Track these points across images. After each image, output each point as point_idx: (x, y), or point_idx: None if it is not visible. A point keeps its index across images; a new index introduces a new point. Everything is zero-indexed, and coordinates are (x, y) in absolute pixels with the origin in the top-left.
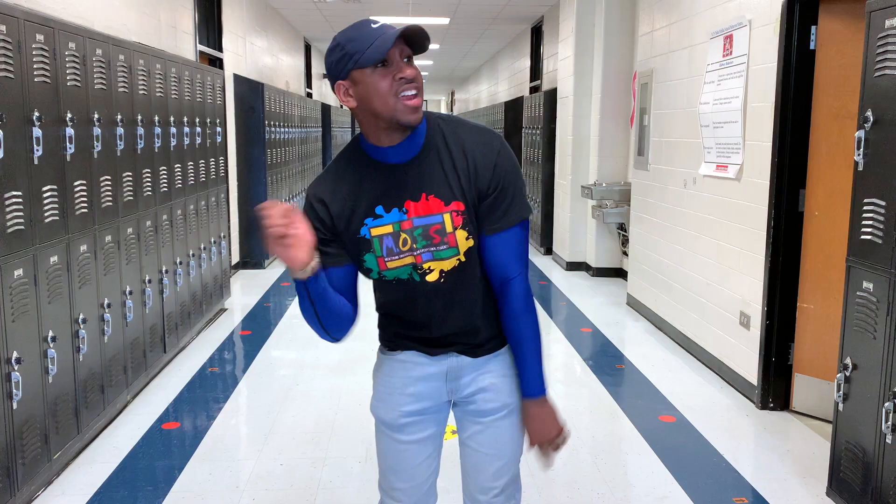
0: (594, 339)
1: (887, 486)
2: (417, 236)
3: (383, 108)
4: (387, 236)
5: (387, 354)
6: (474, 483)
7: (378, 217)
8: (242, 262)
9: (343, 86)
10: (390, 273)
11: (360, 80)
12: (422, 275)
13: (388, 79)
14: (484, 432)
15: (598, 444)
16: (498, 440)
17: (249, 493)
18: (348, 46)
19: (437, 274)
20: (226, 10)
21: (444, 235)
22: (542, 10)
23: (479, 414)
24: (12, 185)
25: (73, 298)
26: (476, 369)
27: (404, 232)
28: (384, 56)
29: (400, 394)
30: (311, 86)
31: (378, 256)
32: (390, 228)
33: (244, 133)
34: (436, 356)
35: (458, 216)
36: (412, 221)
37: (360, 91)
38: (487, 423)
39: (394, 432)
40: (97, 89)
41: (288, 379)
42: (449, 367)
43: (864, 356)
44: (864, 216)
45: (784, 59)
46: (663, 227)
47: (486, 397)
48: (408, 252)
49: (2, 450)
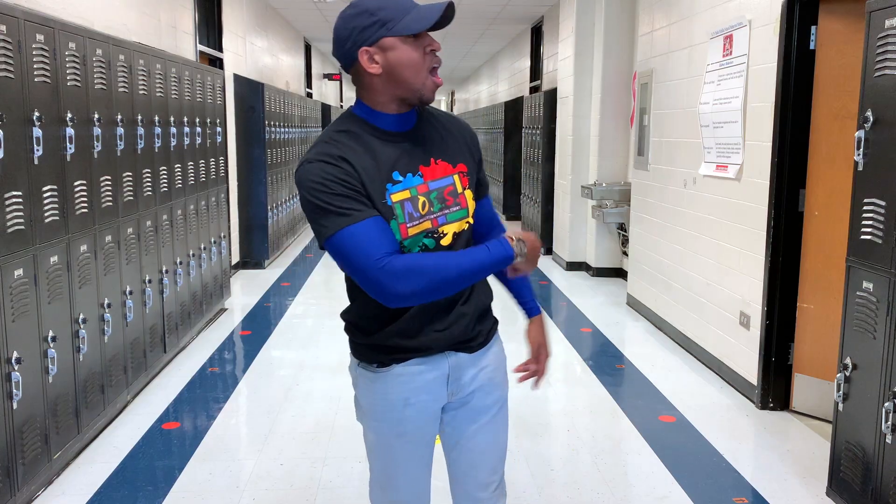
0: (594, 339)
1: (887, 486)
2: (434, 200)
3: (414, 79)
4: (406, 201)
5: (377, 372)
6: (474, 482)
7: (397, 182)
8: (242, 262)
9: (368, 52)
10: (409, 243)
11: (392, 47)
12: (437, 239)
13: (420, 51)
14: (482, 430)
15: (598, 444)
16: (495, 434)
17: (249, 493)
18: (381, 13)
19: (451, 237)
20: (226, 10)
21: (455, 196)
22: (542, 10)
23: (476, 412)
24: (12, 185)
25: (73, 298)
26: (474, 365)
27: (422, 195)
28: (428, 27)
29: (402, 409)
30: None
31: (401, 223)
32: (408, 193)
33: (244, 133)
34: (434, 359)
35: (465, 177)
36: (428, 185)
37: (389, 59)
38: (485, 420)
39: (397, 447)
40: (97, 89)
41: (288, 379)
42: (450, 368)
43: (864, 356)
44: (864, 216)
45: (784, 59)
46: (663, 227)
47: (484, 393)
48: (426, 216)
49: (2, 450)
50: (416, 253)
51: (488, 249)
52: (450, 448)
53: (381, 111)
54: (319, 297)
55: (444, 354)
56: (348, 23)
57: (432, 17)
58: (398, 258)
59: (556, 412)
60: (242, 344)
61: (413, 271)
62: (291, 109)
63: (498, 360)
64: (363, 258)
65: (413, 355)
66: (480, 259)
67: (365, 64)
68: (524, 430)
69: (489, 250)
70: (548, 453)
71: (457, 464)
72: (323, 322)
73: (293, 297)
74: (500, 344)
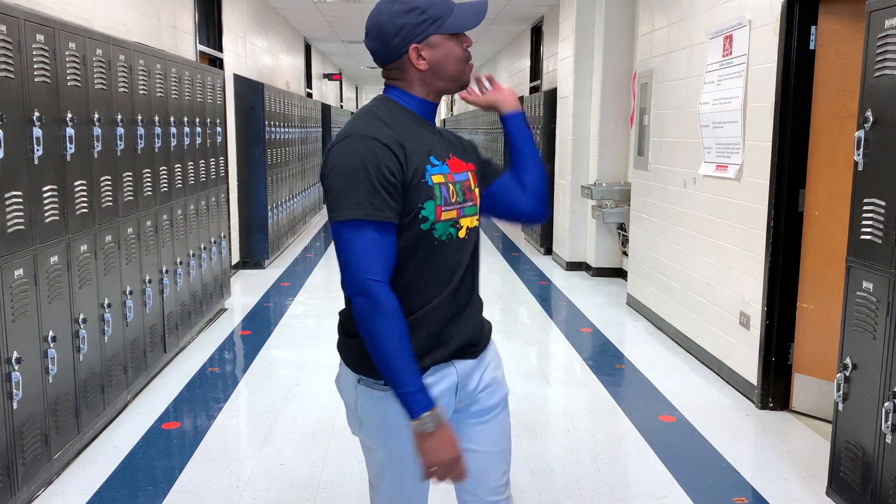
0: (594, 339)
1: (887, 486)
2: (458, 191)
3: (458, 72)
4: (443, 185)
5: (386, 390)
6: (483, 486)
7: (434, 165)
8: (242, 262)
9: (417, 49)
10: (440, 227)
11: (440, 44)
12: (456, 230)
13: (461, 46)
14: (488, 429)
15: (598, 444)
16: (501, 433)
17: (249, 493)
18: (430, 11)
19: (465, 231)
20: (226, 10)
21: (470, 192)
22: (542, 10)
23: (482, 412)
24: (12, 185)
25: (73, 298)
26: (478, 368)
27: (451, 183)
28: (474, 26)
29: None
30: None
31: (437, 205)
32: (443, 178)
33: (244, 133)
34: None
35: (474, 175)
36: (454, 176)
37: (436, 54)
38: (490, 418)
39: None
40: (97, 89)
41: (288, 379)
42: (459, 378)
43: (864, 356)
44: (863, 216)
45: (784, 59)
46: (663, 227)
47: (489, 392)
48: (455, 205)
49: (2, 450)
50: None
51: (407, 386)
52: None
53: (418, 100)
54: (319, 297)
55: (450, 363)
56: (397, 19)
57: (478, 17)
58: (381, 291)
59: (556, 412)
60: (242, 344)
61: (375, 312)
62: (291, 109)
63: (497, 359)
64: (359, 264)
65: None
66: (397, 374)
67: (414, 60)
68: (524, 430)
69: (406, 386)
70: (548, 453)
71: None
72: (323, 322)
73: (293, 297)
74: (494, 344)
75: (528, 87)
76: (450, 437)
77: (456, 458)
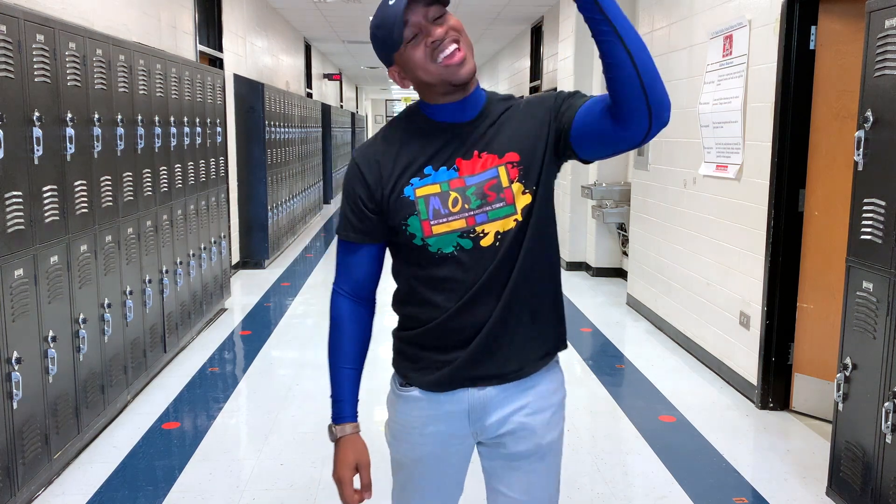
0: (594, 339)
1: (887, 486)
2: (471, 196)
3: (428, 76)
4: (433, 197)
5: (400, 391)
6: None
7: (425, 177)
8: (242, 262)
9: (394, 71)
10: (435, 242)
11: (401, 59)
12: (474, 239)
13: (421, 47)
14: (519, 477)
15: (598, 444)
16: (538, 484)
17: (249, 493)
18: (379, 33)
19: (493, 237)
20: (226, 10)
21: (499, 191)
22: (542, 10)
23: (511, 457)
24: (12, 185)
25: (73, 298)
26: (503, 405)
27: (454, 191)
28: (403, 34)
29: (419, 433)
30: (311, 86)
31: (423, 220)
32: (437, 188)
33: (244, 133)
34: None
35: (514, 168)
36: (464, 180)
37: (407, 70)
38: (521, 465)
39: (412, 470)
40: (97, 89)
41: (288, 379)
42: (470, 406)
43: (864, 356)
44: (863, 216)
45: (784, 59)
46: (663, 227)
47: (516, 439)
48: (458, 214)
49: (2, 450)
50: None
51: (332, 391)
52: (488, 491)
53: (436, 104)
54: (319, 297)
55: (464, 389)
56: (373, 46)
57: (398, 24)
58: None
59: None
60: (242, 344)
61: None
62: (291, 109)
63: (542, 404)
64: (335, 273)
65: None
66: (330, 377)
67: (399, 82)
68: None
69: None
70: None
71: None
72: (323, 322)
73: (293, 297)
74: (552, 380)
75: (528, 87)
76: (341, 457)
77: (337, 478)
